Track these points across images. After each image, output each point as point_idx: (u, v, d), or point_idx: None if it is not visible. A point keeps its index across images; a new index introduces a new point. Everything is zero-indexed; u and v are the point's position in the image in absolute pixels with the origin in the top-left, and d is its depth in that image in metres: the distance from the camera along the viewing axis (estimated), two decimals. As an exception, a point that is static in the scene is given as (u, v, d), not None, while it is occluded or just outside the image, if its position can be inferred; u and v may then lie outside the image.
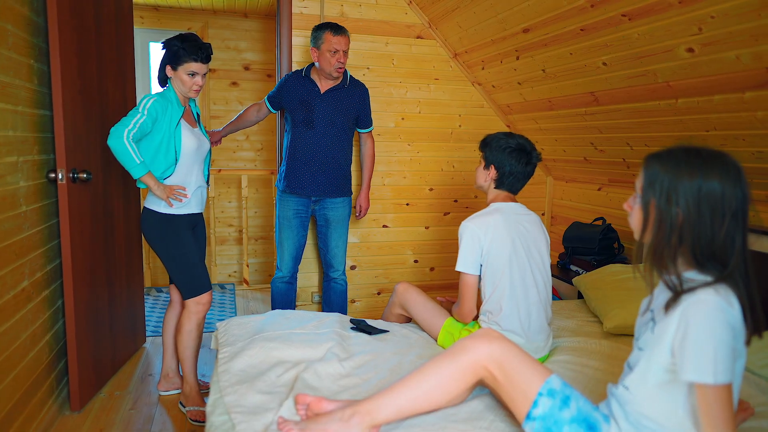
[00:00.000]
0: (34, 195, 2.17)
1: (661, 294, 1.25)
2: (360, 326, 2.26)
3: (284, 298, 3.07)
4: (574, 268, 3.28)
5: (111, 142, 2.11)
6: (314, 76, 2.93)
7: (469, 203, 3.81)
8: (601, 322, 2.42)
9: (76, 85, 2.30)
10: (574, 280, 2.83)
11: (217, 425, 1.52)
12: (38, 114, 2.20)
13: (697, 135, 2.36)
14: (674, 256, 1.18)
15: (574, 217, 3.63)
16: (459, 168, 3.75)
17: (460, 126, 3.70)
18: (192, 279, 2.34)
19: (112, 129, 2.12)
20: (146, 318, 3.48)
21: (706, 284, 1.14)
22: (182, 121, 2.29)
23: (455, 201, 3.78)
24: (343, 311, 3.18)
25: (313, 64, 2.94)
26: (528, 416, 1.35)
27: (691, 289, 1.15)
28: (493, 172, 2.11)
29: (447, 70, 3.61)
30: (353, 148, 3.20)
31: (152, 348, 3.14)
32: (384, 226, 3.65)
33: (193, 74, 2.27)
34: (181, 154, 2.28)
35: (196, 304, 2.36)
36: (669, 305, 1.18)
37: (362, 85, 3.05)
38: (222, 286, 4.57)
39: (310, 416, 1.49)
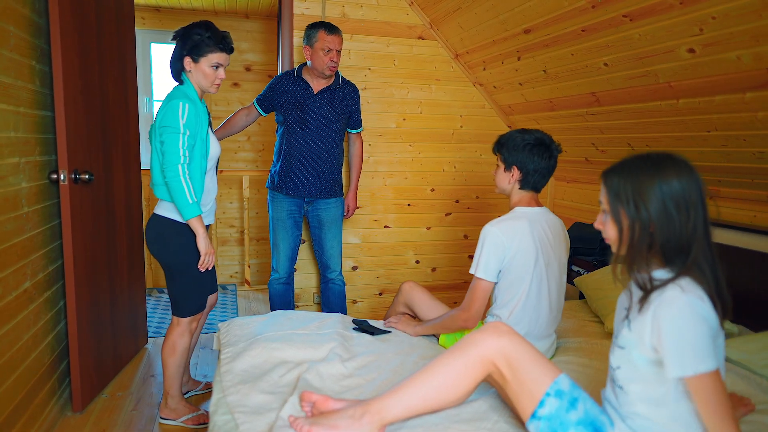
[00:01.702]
0: (36, 196, 2.17)
1: (635, 292, 1.28)
2: (362, 327, 2.26)
3: (282, 299, 3.07)
4: (575, 268, 3.28)
5: (169, 180, 1.98)
6: (306, 76, 2.92)
7: (471, 204, 3.82)
8: (603, 322, 2.42)
9: (77, 86, 2.30)
10: (576, 280, 2.83)
11: (220, 425, 1.52)
12: (40, 115, 2.20)
13: (698, 135, 2.36)
14: (647, 257, 1.22)
15: (576, 217, 3.63)
16: (460, 168, 3.75)
17: (461, 127, 3.70)
18: (199, 297, 2.21)
19: (166, 166, 1.98)
20: (148, 319, 3.49)
21: (672, 280, 1.18)
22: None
23: (456, 201, 3.78)
24: (343, 312, 3.18)
25: (304, 64, 2.94)
26: (533, 415, 1.34)
27: (659, 287, 1.19)
28: (516, 173, 1.99)
29: (448, 71, 3.61)
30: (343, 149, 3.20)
31: (154, 349, 3.14)
32: (385, 227, 3.65)
33: (217, 66, 2.09)
34: (208, 160, 2.13)
35: (192, 321, 2.22)
36: (641, 303, 1.22)
37: (353, 85, 3.06)
38: (223, 287, 4.57)
39: (316, 414, 1.49)
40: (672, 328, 1.14)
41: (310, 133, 2.90)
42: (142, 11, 4.66)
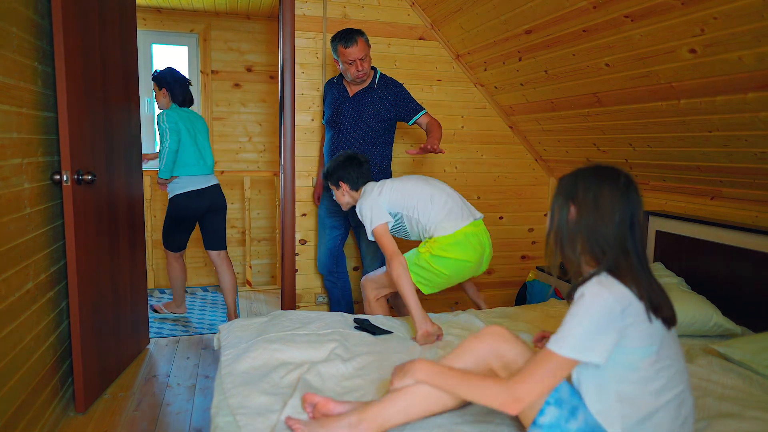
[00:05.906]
0: (39, 197, 2.17)
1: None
2: (363, 325, 2.26)
3: (341, 294, 3.27)
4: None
5: None
6: (344, 82, 3.03)
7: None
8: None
9: (80, 87, 2.31)
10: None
11: (222, 426, 1.52)
12: (42, 116, 2.21)
13: (700, 136, 2.36)
14: (575, 250, 1.32)
15: (577, 217, 3.63)
16: (461, 169, 3.75)
17: (462, 127, 3.70)
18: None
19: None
20: (150, 319, 3.49)
21: (595, 275, 1.26)
22: None
23: (458, 202, 3.78)
24: (349, 305, 3.31)
25: None
26: (534, 423, 1.33)
27: (585, 281, 1.27)
28: (344, 185, 2.58)
29: (449, 72, 3.61)
30: (391, 147, 3.11)
31: (156, 349, 3.14)
32: (386, 227, 3.65)
33: None
34: None
35: (178, 257, 3.50)
36: (569, 297, 1.31)
37: (393, 81, 3.02)
38: (225, 288, 4.57)
39: (317, 416, 1.49)
40: (572, 313, 1.24)
41: (342, 134, 2.98)
42: (144, 12, 4.67)
